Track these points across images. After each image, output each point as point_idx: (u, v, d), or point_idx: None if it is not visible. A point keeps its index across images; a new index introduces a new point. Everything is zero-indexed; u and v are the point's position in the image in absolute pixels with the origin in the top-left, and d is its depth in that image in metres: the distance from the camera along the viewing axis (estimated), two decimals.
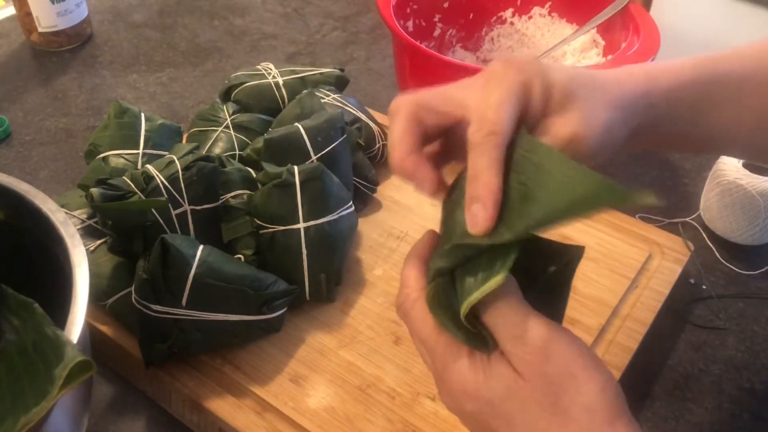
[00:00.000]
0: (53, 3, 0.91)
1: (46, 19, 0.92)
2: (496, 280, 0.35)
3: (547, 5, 0.88)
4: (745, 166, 0.68)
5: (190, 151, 0.60)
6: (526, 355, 0.36)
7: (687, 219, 0.73)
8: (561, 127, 0.40)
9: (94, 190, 0.54)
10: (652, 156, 0.82)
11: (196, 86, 0.91)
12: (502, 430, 0.37)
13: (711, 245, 0.71)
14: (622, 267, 0.64)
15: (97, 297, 0.56)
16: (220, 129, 0.69)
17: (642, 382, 0.58)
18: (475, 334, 0.37)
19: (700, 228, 0.73)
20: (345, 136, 0.65)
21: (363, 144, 0.71)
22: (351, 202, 0.62)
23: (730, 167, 0.68)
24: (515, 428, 0.37)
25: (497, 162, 0.37)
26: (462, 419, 0.40)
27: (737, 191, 0.67)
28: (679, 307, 0.65)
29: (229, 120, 0.70)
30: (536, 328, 0.36)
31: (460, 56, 0.90)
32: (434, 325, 0.39)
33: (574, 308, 0.61)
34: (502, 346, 0.37)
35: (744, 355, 0.61)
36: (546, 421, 0.36)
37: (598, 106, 0.41)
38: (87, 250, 0.50)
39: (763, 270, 0.69)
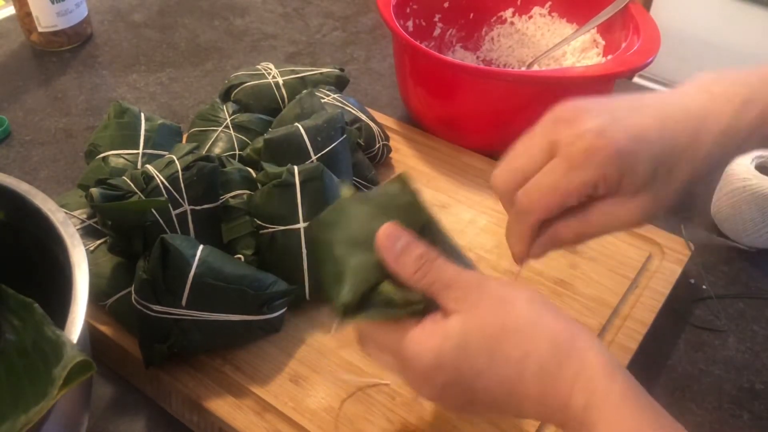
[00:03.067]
0: (53, 3, 0.91)
1: (46, 19, 0.92)
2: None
3: (547, 5, 0.88)
4: (756, 167, 0.69)
5: (190, 151, 0.60)
6: (470, 296, 0.40)
7: (687, 219, 0.73)
8: (619, 212, 0.44)
9: (94, 190, 0.54)
10: None
11: (196, 86, 0.91)
12: (476, 382, 0.40)
13: (711, 245, 0.71)
14: (622, 267, 0.64)
15: (97, 297, 0.56)
16: (220, 129, 0.69)
17: (642, 382, 0.58)
18: (405, 302, 0.41)
19: (700, 228, 0.73)
20: (345, 136, 0.65)
21: (363, 144, 0.71)
22: None
23: (741, 168, 0.68)
24: (483, 374, 0.39)
25: (525, 234, 0.45)
26: (444, 402, 0.42)
27: (745, 191, 0.67)
28: (679, 307, 0.64)
29: (229, 120, 0.70)
30: (469, 273, 0.41)
31: (460, 56, 0.90)
32: (376, 326, 0.43)
33: (574, 308, 0.61)
34: (445, 298, 0.40)
35: (744, 355, 0.61)
36: (502, 349, 0.39)
37: (671, 191, 0.44)
38: (87, 250, 0.50)
39: (764, 270, 0.69)
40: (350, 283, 0.42)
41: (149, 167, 0.57)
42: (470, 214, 0.70)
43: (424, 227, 0.43)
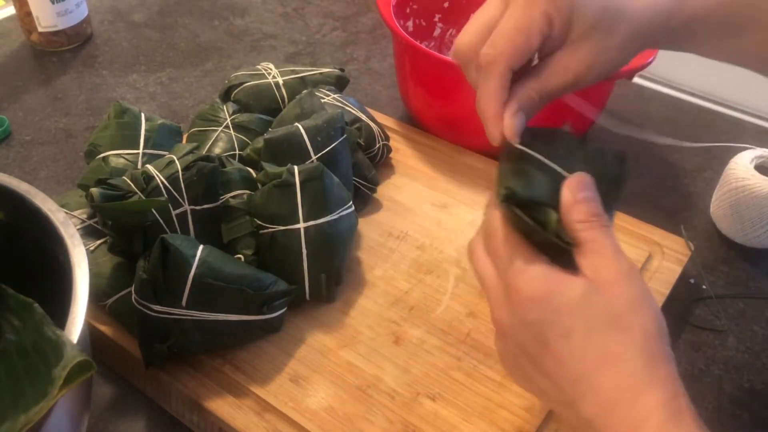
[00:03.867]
0: (53, 3, 0.91)
1: (46, 19, 0.92)
2: None
3: None
4: (756, 168, 0.69)
5: (190, 151, 0.60)
6: (611, 274, 0.39)
7: (687, 219, 0.73)
8: (570, 63, 0.44)
9: (94, 190, 0.54)
10: (652, 156, 0.82)
11: (196, 86, 0.91)
12: (557, 342, 0.39)
13: (711, 245, 0.71)
14: None
15: (97, 297, 0.56)
16: (220, 129, 0.69)
17: None
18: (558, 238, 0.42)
19: (700, 228, 0.73)
20: (345, 136, 0.65)
21: (363, 144, 0.71)
22: (351, 202, 0.62)
23: (741, 167, 0.68)
24: (571, 340, 0.39)
25: (496, 89, 0.44)
26: (509, 342, 0.42)
27: (744, 191, 0.67)
28: (679, 307, 0.64)
29: (229, 120, 0.70)
30: (624, 258, 0.40)
31: None
32: (511, 232, 0.43)
33: None
34: (588, 260, 0.40)
35: (744, 355, 0.61)
36: (604, 335, 0.38)
37: (614, 43, 0.44)
38: (87, 250, 0.50)
39: (764, 270, 0.69)
40: (527, 185, 0.43)
41: (149, 167, 0.57)
42: (471, 215, 0.70)
43: (608, 206, 0.44)
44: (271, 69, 0.75)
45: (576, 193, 0.42)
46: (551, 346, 0.39)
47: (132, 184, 0.56)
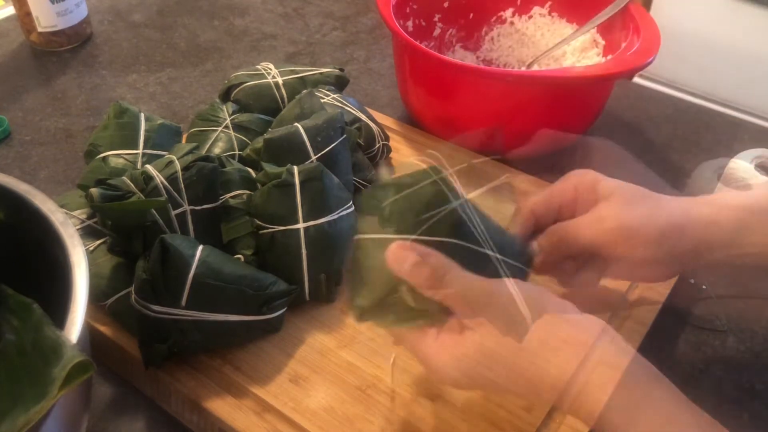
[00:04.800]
0: (53, 3, 0.91)
1: (46, 19, 0.92)
2: None
3: (547, 5, 0.88)
4: (756, 167, 0.68)
5: (190, 151, 0.60)
6: (477, 308, 0.42)
7: None
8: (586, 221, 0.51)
9: (94, 190, 0.54)
10: (652, 156, 0.82)
11: (196, 86, 0.91)
12: (495, 389, 0.44)
13: None
14: None
15: (96, 297, 0.56)
16: (219, 129, 0.69)
17: None
18: (420, 311, 0.43)
19: None
20: (345, 136, 0.65)
21: (363, 144, 0.71)
22: (351, 202, 0.62)
23: (741, 166, 0.68)
24: (500, 386, 0.43)
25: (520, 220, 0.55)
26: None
27: (745, 191, 0.67)
28: (679, 307, 0.64)
29: (228, 120, 0.70)
30: (477, 286, 0.42)
31: (460, 56, 0.90)
32: (400, 332, 0.45)
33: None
34: (455, 311, 0.43)
35: (744, 355, 0.61)
36: (518, 368, 0.41)
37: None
38: (87, 250, 0.50)
39: (764, 270, 0.69)
40: (369, 287, 0.43)
41: (149, 167, 0.57)
42: None
43: (456, 219, 0.43)
44: (270, 69, 0.75)
45: (401, 270, 0.42)
46: (493, 389, 0.45)
47: (132, 184, 0.56)
